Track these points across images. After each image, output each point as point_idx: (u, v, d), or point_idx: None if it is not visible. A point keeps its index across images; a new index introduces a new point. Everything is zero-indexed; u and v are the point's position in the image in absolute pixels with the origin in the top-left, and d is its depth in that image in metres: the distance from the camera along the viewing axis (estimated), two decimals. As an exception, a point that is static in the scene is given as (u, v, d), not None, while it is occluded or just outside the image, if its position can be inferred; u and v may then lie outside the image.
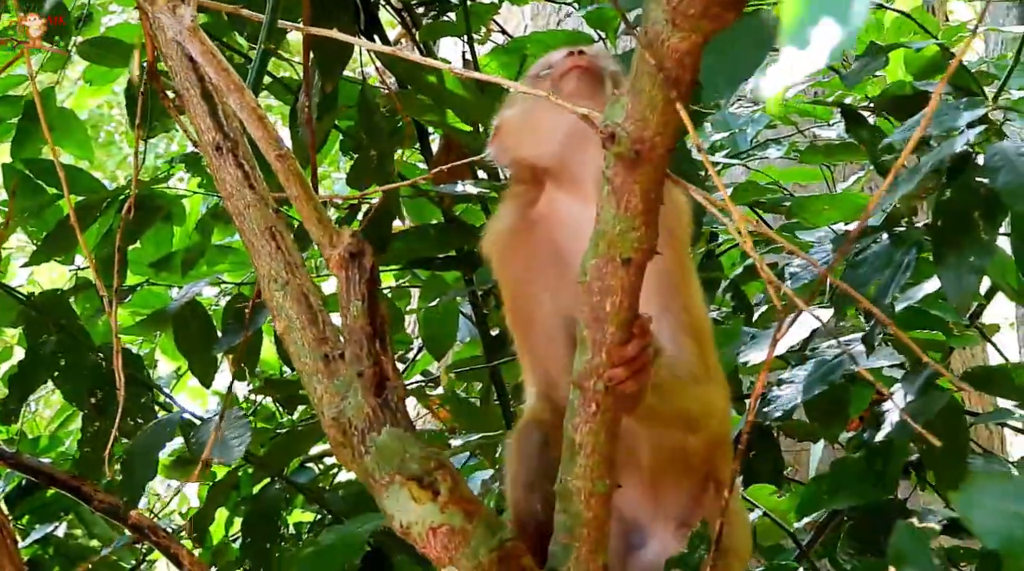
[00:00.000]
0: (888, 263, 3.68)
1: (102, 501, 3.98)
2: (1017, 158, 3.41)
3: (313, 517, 5.55)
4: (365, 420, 2.59)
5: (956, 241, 3.42)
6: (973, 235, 3.41)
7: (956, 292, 3.42)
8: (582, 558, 2.60)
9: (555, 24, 7.44)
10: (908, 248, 3.68)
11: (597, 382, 2.52)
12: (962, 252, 3.41)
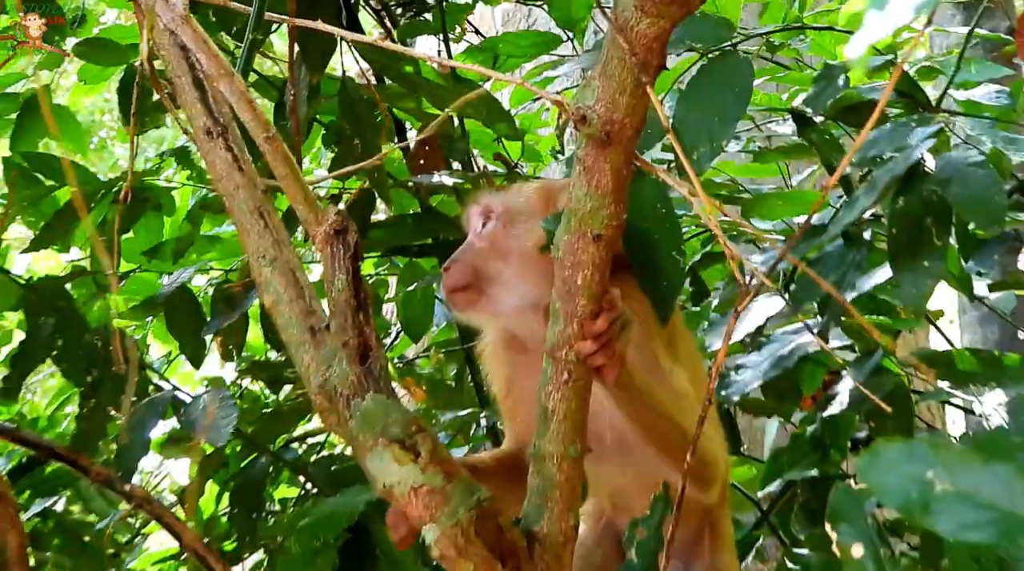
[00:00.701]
0: (842, 262, 3.71)
1: (99, 473, 3.95)
2: (966, 169, 3.43)
3: (297, 492, 5.55)
4: (350, 387, 2.58)
5: (911, 248, 3.44)
6: (926, 241, 3.42)
7: (911, 295, 3.44)
8: (554, 517, 2.60)
9: (525, 27, 7.42)
10: (860, 248, 3.71)
11: (568, 352, 2.53)
12: (916, 257, 3.42)
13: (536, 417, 2.61)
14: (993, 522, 1.47)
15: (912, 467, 1.49)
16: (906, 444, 1.51)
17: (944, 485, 1.47)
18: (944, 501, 1.47)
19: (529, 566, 2.56)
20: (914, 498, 1.48)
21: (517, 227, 3.20)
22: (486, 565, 2.50)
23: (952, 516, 1.47)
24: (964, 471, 1.48)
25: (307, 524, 3.95)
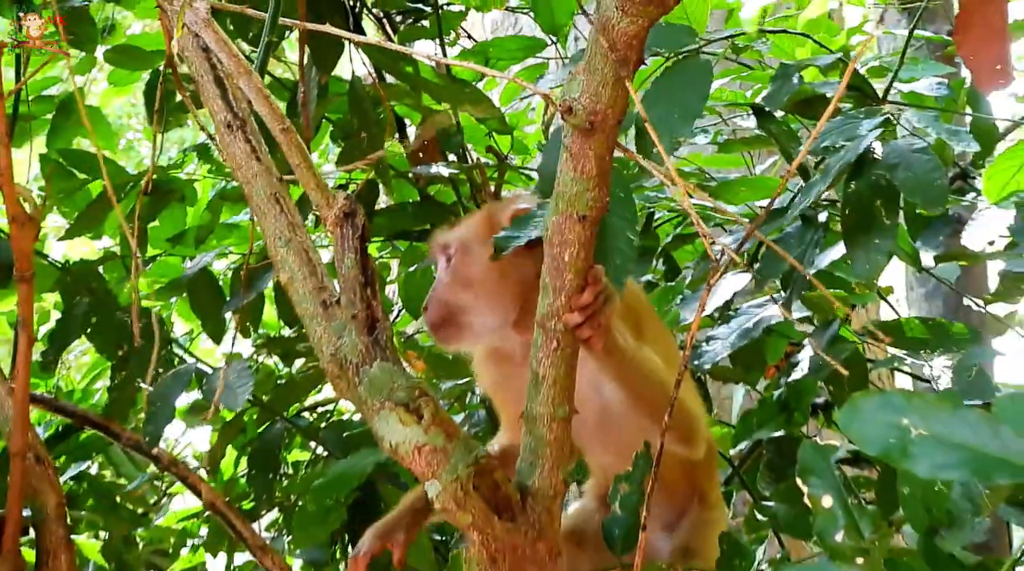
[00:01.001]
0: (801, 242, 3.72)
1: (129, 438, 3.97)
2: (910, 155, 3.46)
3: (309, 456, 5.54)
4: (359, 356, 2.58)
5: (863, 227, 3.46)
6: (877, 221, 3.44)
7: (864, 270, 3.46)
8: (545, 473, 2.61)
9: (512, 33, 7.44)
10: (817, 229, 3.72)
11: (557, 323, 2.54)
12: (868, 236, 3.45)
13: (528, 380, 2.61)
14: (965, 462, 1.47)
15: (889, 416, 1.50)
16: (882, 396, 1.52)
17: (919, 430, 1.47)
18: (920, 445, 1.47)
19: (523, 517, 2.57)
20: (892, 444, 1.48)
21: (472, 256, 3.19)
22: (483, 516, 2.51)
23: (928, 458, 1.47)
24: (937, 417, 1.49)
25: (320, 484, 3.96)
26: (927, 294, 6.52)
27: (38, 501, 3.60)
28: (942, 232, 4.01)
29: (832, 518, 2.21)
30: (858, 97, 3.89)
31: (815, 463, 2.29)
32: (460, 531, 3.01)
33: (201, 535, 5.72)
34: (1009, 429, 1.49)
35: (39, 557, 3.60)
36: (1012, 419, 1.51)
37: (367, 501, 4.28)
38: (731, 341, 3.81)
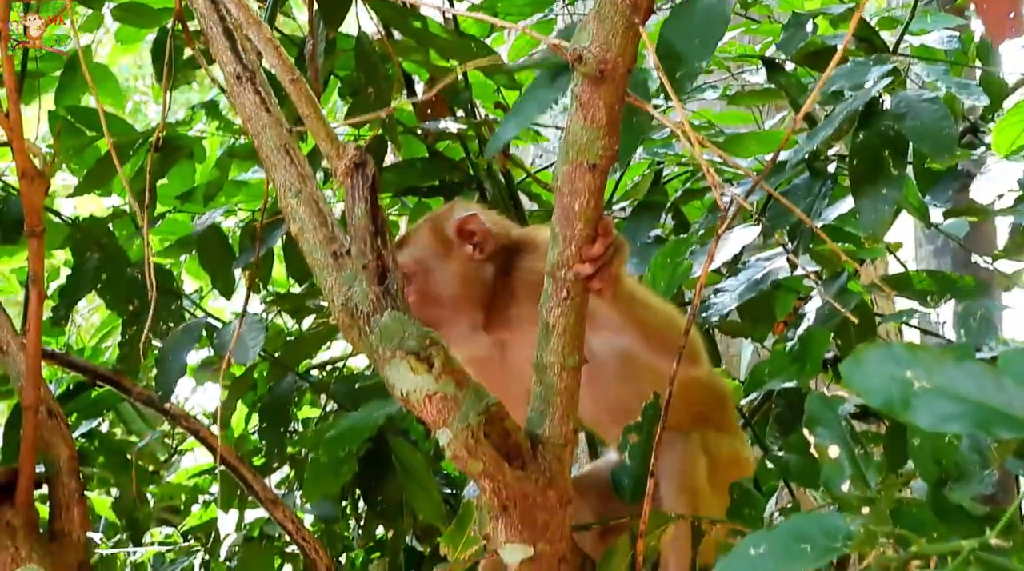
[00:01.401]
0: (808, 193, 3.72)
1: (140, 394, 3.99)
2: (919, 104, 3.45)
3: (319, 412, 5.57)
4: (369, 305, 2.59)
5: (870, 177, 3.46)
6: (884, 171, 3.44)
7: (871, 221, 3.46)
8: (555, 422, 2.62)
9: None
10: (825, 180, 3.72)
11: (567, 272, 2.55)
12: (876, 186, 3.45)
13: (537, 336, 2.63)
14: (967, 414, 1.47)
15: (892, 368, 1.50)
16: (886, 348, 1.52)
17: (922, 383, 1.48)
18: (922, 397, 1.48)
19: (533, 465, 2.58)
20: (895, 395, 1.48)
21: (434, 274, 3.20)
22: (494, 464, 2.52)
23: (930, 410, 1.48)
24: (940, 370, 1.49)
25: (331, 436, 3.98)
26: (936, 251, 6.51)
27: (51, 455, 3.63)
28: (951, 187, 4.01)
29: (838, 468, 2.22)
30: (867, 49, 3.88)
31: (822, 413, 2.30)
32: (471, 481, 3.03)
33: (212, 492, 5.76)
34: (1013, 383, 1.50)
35: (52, 510, 3.64)
36: (1016, 373, 1.52)
37: (378, 454, 4.30)
38: (739, 293, 3.81)
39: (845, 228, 4.08)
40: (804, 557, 1.63)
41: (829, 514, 1.73)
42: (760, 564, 1.65)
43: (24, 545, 3.48)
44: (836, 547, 1.65)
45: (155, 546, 5.45)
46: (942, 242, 6.39)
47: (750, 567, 1.67)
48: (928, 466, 2.57)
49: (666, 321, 2.99)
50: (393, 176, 4.66)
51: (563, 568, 2.69)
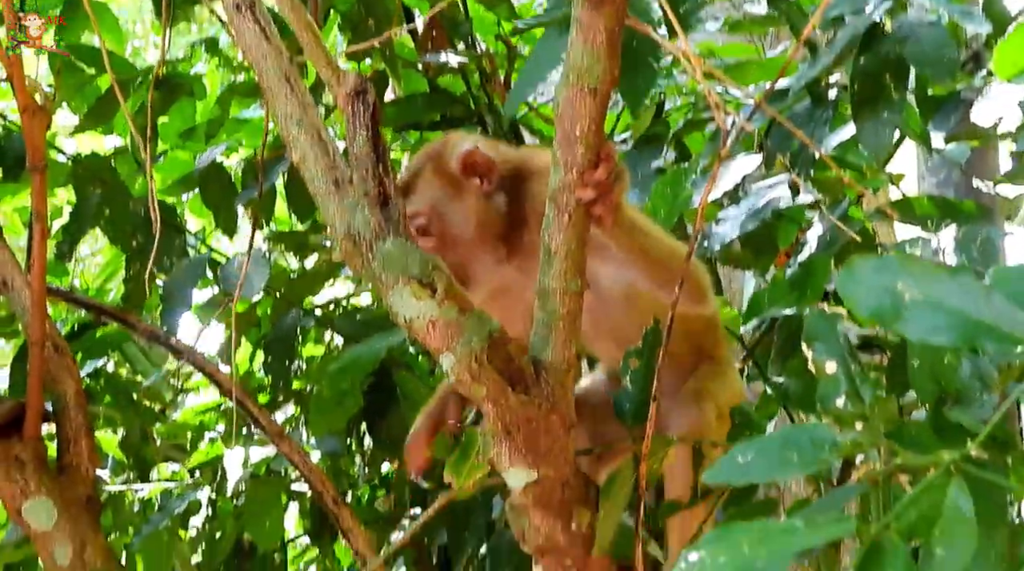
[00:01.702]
0: (810, 119, 3.72)
1: (145, 329, 3.99)
2: (920, 28, 3.46)
3: (323, 351, 5.60)
4: (372, 232, 2.60)
5: (871, 101, 3.47)
6: (885, 95, 3.45)
7: (873, 144, 3.48)
8: (558, 347, 2.64)
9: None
10: (826, 107, 3.72)
11: (569, 197, 2.55)
12: (877, 110, 3.46)
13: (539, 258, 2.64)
14: (956, 326, 1.49)
15: (884, 279, 1.51)
16: (878, 259, 1.53)
17: (913, 294, 1.49)
18: (913, 309, 1.49)
19: (536, 389, 2.60)
20: (886, 306, 1.50)
21: (446, 217, 3.17)
22: (497, 388, 2.55)
23: (920, 322, 1.49)
24: (931, 282, 1.51)
25: (335, 369, 4.01)
26: (938, 184, 6.52)
27: (57, 390, 3.64)
28: (953, 115, 4.01)
29: (835, 384, 2.24)
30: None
31: (820, 329, 2.31)
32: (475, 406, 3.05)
33: (218, 430, 5.79)
34: (1003, 297, 1.51)
35: (60, 444, 3.66)
36: (1007, 288, 1.54)
37: (383, 387, 4.33)
38: (740, 222, 3.82)
39: (847, 158, 4.09)
40: (791, 465, 1.65)
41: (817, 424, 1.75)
42: (748, 471, 1.67)
43: (33, 478, 3.51)
44: (823, 456, 1.66)
45: (162, 483, 5.49)
46: (945, 175, 6.42)
47: (739, 473, 1.69)
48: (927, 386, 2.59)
49: (668, 252, 2.98)
50: (394, 111, 4.66)
51: (566, 492, 2.72)
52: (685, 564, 1.35)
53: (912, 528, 1.47)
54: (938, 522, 1.47)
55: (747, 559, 1.34)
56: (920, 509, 1.48)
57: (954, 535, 1.46)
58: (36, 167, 3.37)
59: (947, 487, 1.49)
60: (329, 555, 5.56)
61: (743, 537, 1.37)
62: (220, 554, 5.09)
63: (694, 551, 1.36)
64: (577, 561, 2.79)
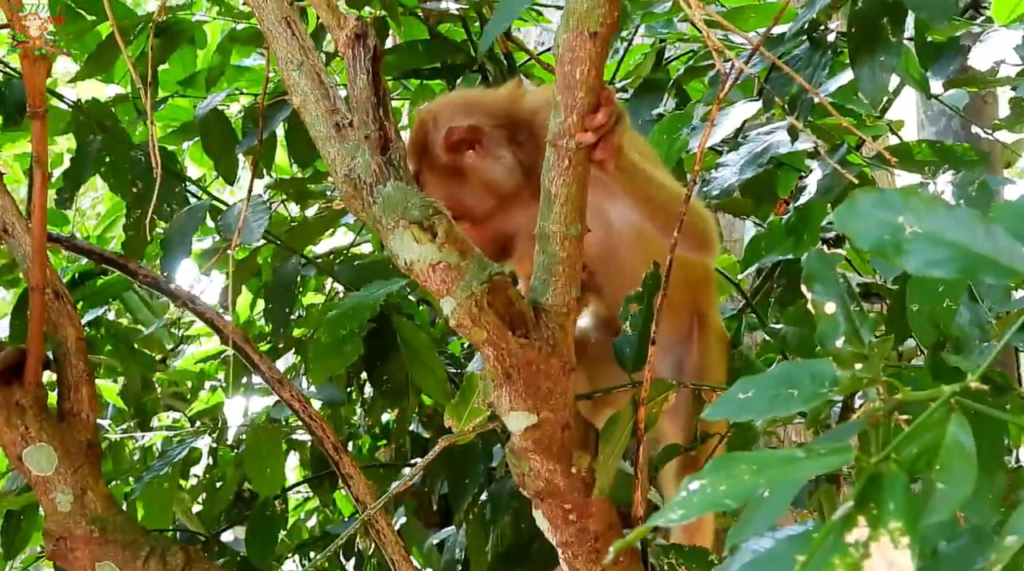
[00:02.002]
0: (808, 64, 3.72)
1: (146, 276, 3.99)
2: (917, -30, 3.45)
3: (323, 300, 5.61)
4: (372, 175, 2.60)
5: (868, 45, 3.46)
6: (883, 39, 3.44)
7: (870, 88, 3.47)
8: (558, 291, 2.65)
9: None
10: (824, 51, 3.72)
11: (569, 141, 2.56)
12: (874, 53, 3.45)
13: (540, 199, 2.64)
14: (956, 259, 1.49)
15: (885, 213, 1.51)
16: (879, 193, 1.54)
17: (913, 228, 1.49)
18: (913, 242, 1.49)
19: (536, 333, 2.62)
20: (887, 240, 1.50)
21: (463, 199, 3.18)
22: (498, 332, 2.56)
23: (920, 255, 1.49)
24: (931, 215, 1.51)
25: (333, 316, 4.01)
26: (937, 133, 6.49)
27: (58, 336, 3.65)
28: (952, 62, 4.01)
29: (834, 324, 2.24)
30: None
31: (820, 270, 2.31)
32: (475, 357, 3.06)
33: (219, 379, 5.81)
34: (1003, 231, 1.52)
35: (61, 390, 3.67)
36: (1008, 222, 1.54)
37: (383, 334, 4.34)
38: (740, 167, 3.82)
39: (846, 106, 4.08)
40: (791, 401, 1.66)
41: (817, 361, 1.75)
42: (748, 407, 1.68)
43: (34, 424, 3.52)
44: (823, 392, 1.67)
45: (162, 432, 5.51)
46: (943, 125, 6.40)
47: (739, 410, 1.70)
48: (927, 330, 2.61)
49: (672, 196, 2.98)
50: (394, 59, 4.65)
51: (566, 435, 2.74)
52: (687, 493, 1.36)
53: (911, 463, 1.48)
54: (938, 457, 1.47)
55: (748, 487, 1.35)
56: (920, 444, 1.49)
57: (954, 470, 1.46)
58: (37, 113, 3.36)
59: (947, 422, 1.50)
60: (329, 503, 5.59)
61: (744, 466, 1.38)
62: (220, 503, 5.11)
63: (695, 480, 1.37)
64: (577, 505, 2.82)
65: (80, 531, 3.54)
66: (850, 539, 1.32)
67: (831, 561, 1.30)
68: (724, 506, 1.34)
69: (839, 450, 1.42)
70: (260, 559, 4.47)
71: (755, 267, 3.56)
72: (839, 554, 1.31)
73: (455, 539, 4.79)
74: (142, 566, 3.53)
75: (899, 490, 1.35)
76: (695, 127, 3.99)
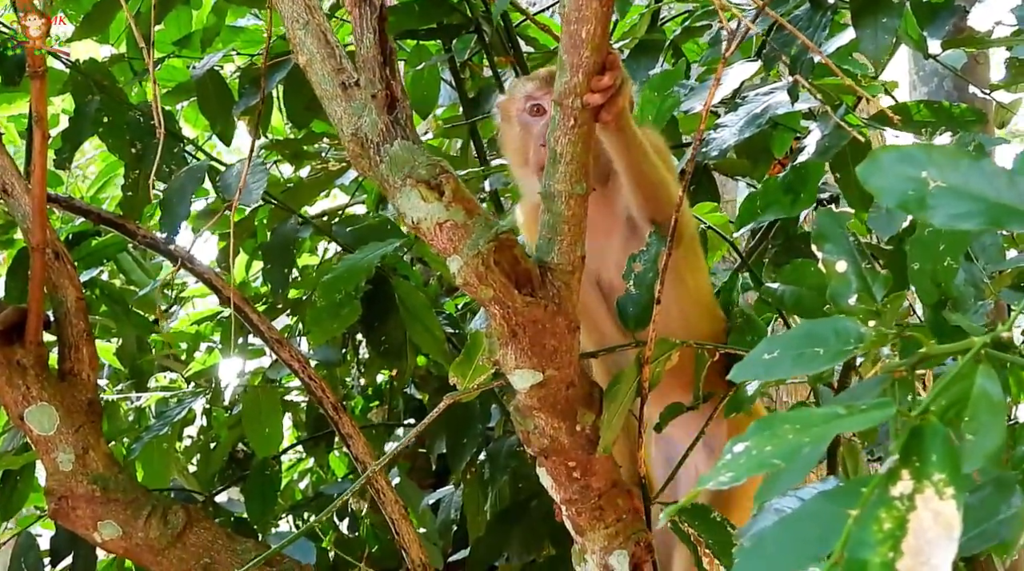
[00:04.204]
0: (809, 24, 3.71)
1: (144, 236, 3.99)
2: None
3: (317, 261, 5.61)
4: (379, 134, 2.60)
5: (871, 6, 3.47)
6: (884, 1, 3.44)
7: (873, 49, 3.48)
8: (564, 249, 2.65)
9: None
10: (824, 12, 3.71)
11: (575, 100, 2.56)
12: (876, 15, 3.46)
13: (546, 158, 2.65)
14: (980, 211, 1.49)
15: (908, 169, 1.51)
16: (902, 149, 1.54)
17: (937, 182, 1.50)
18: (937, 196, 1.49)
19: (542, 291, 2.62)
20: (911, 195, 1.50)
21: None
22: (504, 290, 2.56)
23: (945, 208, 1.49)
24: (955, 169, 1.51)
25: (329, 278, 4.00)
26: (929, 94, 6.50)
27: (58, 296, 3.65)
28: (949, 22, 4.00)
29: (846, 282, 2.25)
30: None
31: (830, 229, 2.32)
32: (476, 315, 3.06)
33: (214, 340, 5.81)
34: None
35: (61, 350, 3.67)
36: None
37: (381, 295, 4.34)
38: (739, 127, 3.81)
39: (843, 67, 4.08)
40: (817, 360, 1.66)
41: (841, 317, 1.76)
42: (775, 367, 1.68)
43: (35, 383, 3.52)
44: (848, 349, 1.68)
45: (159, 392, 5.51)
46: (935, 85, 6.41)
47: (765, 370, 1.70)
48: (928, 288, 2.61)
49: (661, 179, 3.02)
50: (391, 19, 4.61)
51: (571, 392, 2.74)
52: (731, 456, 1.36)
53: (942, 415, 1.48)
54: (967, 408, 1.48)
55: (792, 444, 1.36)
56: (948, 396, 1.50)
57: (983, 420, 1.47)
58: (36, 72, 3.35)
59: (975, 373, 1.50)
60: (324, 465, 5.60)
61: (788, 425, 1.38)
62: (215, 464, 5.12)
63: (740, 442, 1.38)
64: (581, 462, 2.82)
65: (82, 490, 3.54)
66: (895, 492, 1.32)
67: (878, 515, 1.31)
68: (772, 466, 1.35)
69: (880, 405, 1.43)
70: (259, 518, 4.48)
71: (749, 227, 3.56)
72: (885, 507, 1.32)
73: (451, 499, 4.81)
74: (143, 525, 3.54)
75: (941, 442, 1.35)
76: (693, 88, 3.98)
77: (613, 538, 2.89)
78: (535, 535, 4.26)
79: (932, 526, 1.29)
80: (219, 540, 3.62)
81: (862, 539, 1.31)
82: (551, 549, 4.35)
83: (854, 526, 1.32)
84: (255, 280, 5.63)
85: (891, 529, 1.30)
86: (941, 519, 1.29)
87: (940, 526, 1.29)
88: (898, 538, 1.29)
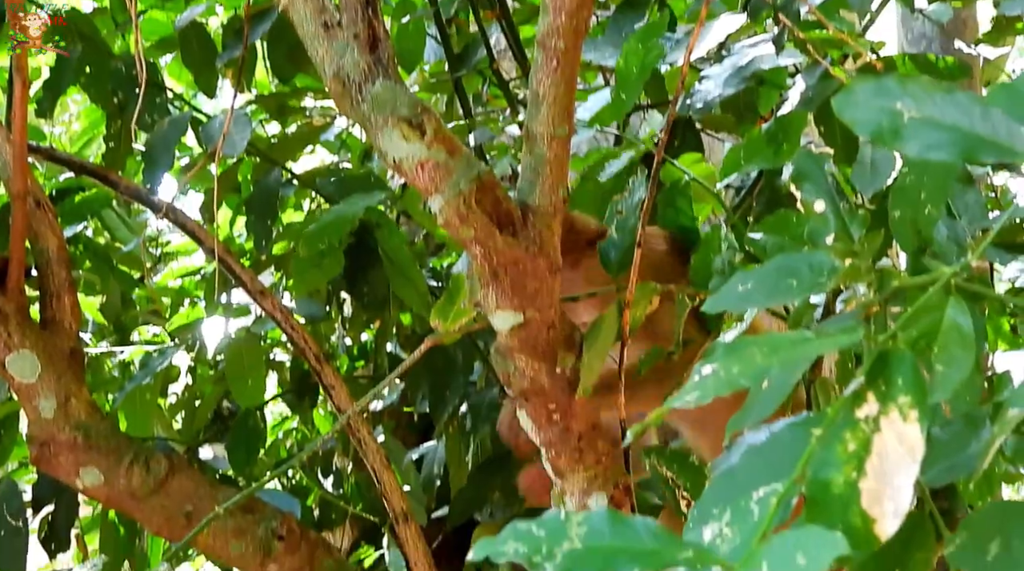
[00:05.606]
0: (795, -27, 3.72)
1: (128, 187, 3.98)
2: None
3: (303, 216, 5.61)
4: (361, 74, 2.60)
5: (857, -43, 3.48)
6: (872, -47, 3.48)
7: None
8: (545, 191, 2.66)
9: None
10: (813, -37, 3.73)
11: (558, 41, 2.55)
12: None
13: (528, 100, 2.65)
14: (954, 142, 1.51)
15: (882, 100, 1.52)
16: (877, 81, 1.55)
17: (912, 113, 1.51)
18: (912, 127, 1.50)
19: (524, 232, 2.63)
20: (885, 126, 1.51)
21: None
22: (485, 230, 2.57)
23: (919, 139, 1.50)
24: (929, 100, 1.52)
25: (312, 230, 4.01)
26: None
27: (39, 245, 3.65)
28: (936, -21, 4.03)
29: (824, 221, 2.27)
30: None
31: (809, 168, 2.33)
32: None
33: (198, 296, 5.81)
34: (999, 112, 1.54)
35: (43, 299, 3.67)
36: (1003, 103, 1.56)
37: (364, 247, 4.34)
38: (724, 79, 3.81)
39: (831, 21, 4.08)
40: (791, 291, 1.68)
41: (815, 251, 1.77)
42: (749, 298, 1.70)
43: (16, 331, 3.52)
44: (822, 281, 1.69)
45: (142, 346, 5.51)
46: (924, 46, 6.42)
47: (740, 301, 1.72)
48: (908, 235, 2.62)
49: None
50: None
51: (551, 334, 2.76)
52: (699, 377, 1.38)
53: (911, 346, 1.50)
54: (936, 339, 1.50)
55: (761, 367, 1.37)
56: (919, 327, 1.51)
57: (952, 352, 1.49)
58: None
59: (945, 305, 1.52)
60: (308, 421, 5.61)
61: (755, 348, 1.39)
62: (200, 420, 5.13)
63: (707, 364, 1.39)
64: (561, 404, 2.84)
65: (64, 437, 3.55)
66: (860, 414, 1.35)
67: (843, 435, 1.33)
68: (738, 386, 1.36)
69: (848, 329, 1.44)
70: (241, 469, 4.50)
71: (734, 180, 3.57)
72: (850, 428, 1.34)
73: (435, 454, 4.83)
74: (125, 472, 3.55)
75: (907, 366, 1.37)
76: (679, 40, 3.98)
77: (592, 480, 2.91)
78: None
79: (896, 448, 1.31)
80: (201, 488, 3.64)
81: (826, 459, 1.33)
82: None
83: (818, 446, 1.35)
84: (239, 236, 5.63)
85: (855, 450, 1.32)
86: (905, 441, 1.31)
87: (904, 448, 1.31)
88: (862, 459, 1.32)
